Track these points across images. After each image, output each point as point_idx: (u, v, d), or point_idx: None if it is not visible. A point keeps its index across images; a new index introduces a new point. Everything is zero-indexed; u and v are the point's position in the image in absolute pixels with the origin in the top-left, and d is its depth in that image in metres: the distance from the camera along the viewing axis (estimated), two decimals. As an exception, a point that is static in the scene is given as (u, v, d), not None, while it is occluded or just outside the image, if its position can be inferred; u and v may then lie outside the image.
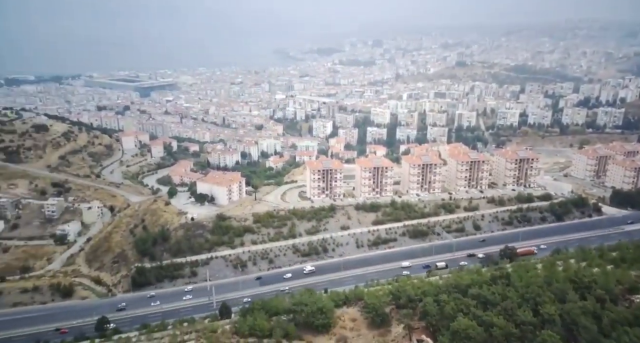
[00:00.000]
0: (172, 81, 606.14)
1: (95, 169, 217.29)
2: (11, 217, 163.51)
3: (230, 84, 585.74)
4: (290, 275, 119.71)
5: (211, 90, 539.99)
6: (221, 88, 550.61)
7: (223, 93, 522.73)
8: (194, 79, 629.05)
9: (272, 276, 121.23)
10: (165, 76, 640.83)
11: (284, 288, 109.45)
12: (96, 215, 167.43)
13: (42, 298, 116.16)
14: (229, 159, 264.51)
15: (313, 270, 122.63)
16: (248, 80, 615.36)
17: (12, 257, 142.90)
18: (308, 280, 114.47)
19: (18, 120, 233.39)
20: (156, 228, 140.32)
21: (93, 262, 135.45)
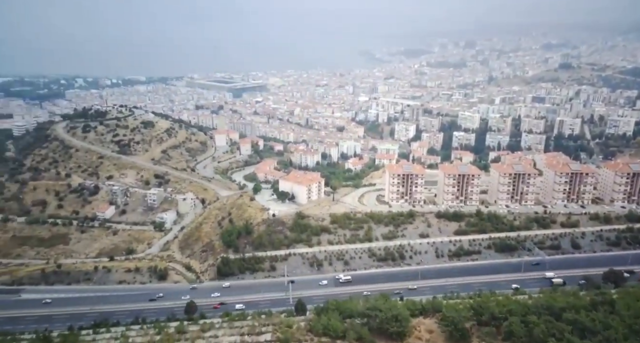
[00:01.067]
0: (262, 83, 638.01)
1: (191, 163, 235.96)
2: (120, 203, 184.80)
3: (316, 86, 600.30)
4: (325, 282, 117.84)
5: (297, 92, 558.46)
6: (306, 90, 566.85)
7: (308, 95, 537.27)
8: (282, 81, 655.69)
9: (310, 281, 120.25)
10: (256, 78, 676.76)
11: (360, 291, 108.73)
12: (190, 206, 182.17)
13: (141, 279, 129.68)
14: (310, 159, 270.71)
15: (349, 280, 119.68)
16: (333, 82, 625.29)
17: (120, 239, 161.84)
18: (382, 286, 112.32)
19: (130, 116, 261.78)
20: (241, 222, 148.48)
21: (185, 249, 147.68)
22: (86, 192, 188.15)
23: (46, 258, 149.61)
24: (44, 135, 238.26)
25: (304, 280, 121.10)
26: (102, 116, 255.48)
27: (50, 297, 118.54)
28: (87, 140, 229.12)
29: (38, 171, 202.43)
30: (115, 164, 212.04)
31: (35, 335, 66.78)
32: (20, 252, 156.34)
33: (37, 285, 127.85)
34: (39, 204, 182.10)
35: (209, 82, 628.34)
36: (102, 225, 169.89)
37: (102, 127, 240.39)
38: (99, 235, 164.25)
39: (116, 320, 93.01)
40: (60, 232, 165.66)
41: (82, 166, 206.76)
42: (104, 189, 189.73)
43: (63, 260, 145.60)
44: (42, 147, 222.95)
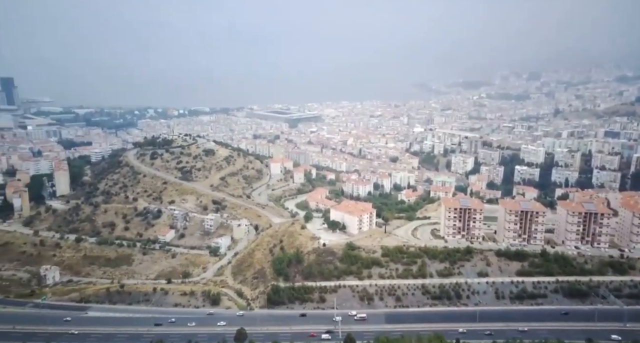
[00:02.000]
0: (317, 114, 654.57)
1: (246, 190, 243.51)
2: (180, 227, 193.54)
3: (370, 116, 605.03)
4: (340, 318, 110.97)
5: (351, 122, 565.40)
6: (360, 120, 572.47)
7: (362, 125, 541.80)
8: (337, 112, 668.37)
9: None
10: (312, 109, 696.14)
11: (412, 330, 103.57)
12: (244, 232, 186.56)
13: (196, 303, 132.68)
14: (362, 189, 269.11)
15: (364, 318, 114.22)
16: (387, 113, 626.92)
17: (178, 262, 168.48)
18: (436, 326, 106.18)
19: (194, 145, 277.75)
20: (292, 250, 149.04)
21: (237, 275, 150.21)
22: (150, 216, 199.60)
23: (111, 278, 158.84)
24: (117, 161, 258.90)
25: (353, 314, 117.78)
26: (169, 144, 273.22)
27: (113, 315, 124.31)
28: (153, 166, 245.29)
29: (110, 195, 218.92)
30: (178, 189, 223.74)
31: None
32: (89, 271, 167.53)
33: (102, 304, 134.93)
34: (108, 226, 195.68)
35: (267, 112, 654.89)
36: (162, 248, 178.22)
37: (168, 155, 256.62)
38: (159, 258, 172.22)
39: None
40: (125, 253, 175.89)
41: (148, 191, 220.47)
42: (166, 213, 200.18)
43: (126, 280, 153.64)
44: (115, 172, 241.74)
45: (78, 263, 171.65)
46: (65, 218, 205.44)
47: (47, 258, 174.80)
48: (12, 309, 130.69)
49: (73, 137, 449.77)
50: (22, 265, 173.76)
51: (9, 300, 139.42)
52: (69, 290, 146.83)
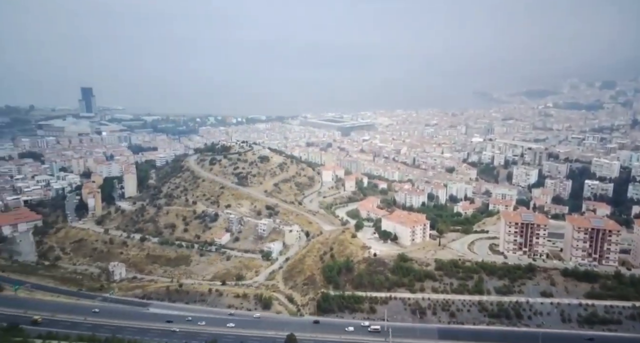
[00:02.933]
0: (370, 122, 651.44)
1: (298, 196, 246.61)
2: (235, 231, 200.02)
3: (425, 125, 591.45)
4: (352, 329, 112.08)
5: (405, 131, 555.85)
6: (415, 129, 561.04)
7: (416, 134, 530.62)
8: (391, 120, 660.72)
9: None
10: (365, 117, 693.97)
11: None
12: (295, 238, 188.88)
13: (248, 305, 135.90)
14: (415, 199, 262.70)
15: (377, 330, 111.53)
16: (443, 122, 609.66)
17: (232, 265, 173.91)
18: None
19: (250, 151, 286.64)
20: (342, 258, 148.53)
21: (288, 281, 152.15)
22: (207, 219, 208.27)
23: (171, 277, 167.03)
24: (179, 166, 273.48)
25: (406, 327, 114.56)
26: (227, 150, 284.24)
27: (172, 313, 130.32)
28: (212, 171, 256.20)
29: (172, 197, 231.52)
30: (234, 194, 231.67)
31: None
32: (151, 269, 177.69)
33: (162, 301, 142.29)
34: (169, 227, 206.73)
35: (320, 121, 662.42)
36: (218, 251, 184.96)
37: (226, 160, 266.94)
38: (214, 260, 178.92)
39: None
40: (184, 253, 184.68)
41: (206, 195, 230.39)
42: (222, 217, 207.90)
43: (184, 280, 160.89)
44: (177, 176, 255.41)
45: (142, 262, 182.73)
46: (132, 218, 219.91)
47: (115, 256, 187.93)
48: (84, 301, 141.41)
49: (141, 143, 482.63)
50: (94, 261, 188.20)
51: (81, 293, 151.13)
52: (133, 287, 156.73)
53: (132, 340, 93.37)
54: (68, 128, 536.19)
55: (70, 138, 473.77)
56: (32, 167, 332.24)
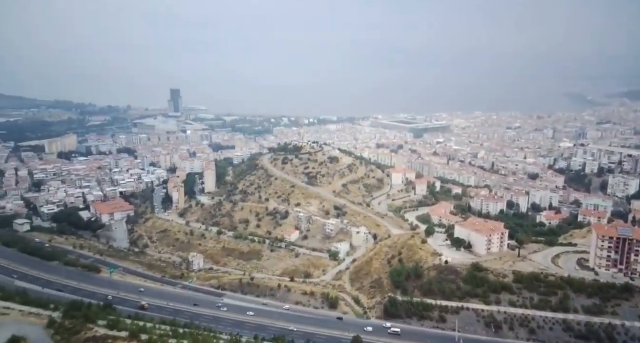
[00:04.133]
0: (445, 124, 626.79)
1: (367, 198, 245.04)
2: (304, 229, 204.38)
3: (506, 128, 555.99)
4: (371, 329, 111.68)
5: (484, 134, 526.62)
6: (495, 132, 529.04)
7: (496, 137, 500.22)
8: (468, 123, 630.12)
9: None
10: (440, 119, 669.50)
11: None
12: (362, 239, 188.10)
13: (315, 304, 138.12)
14: (493, 206, 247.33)
15: (398, 333, 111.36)
16: (527, 125, 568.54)
17: (300, 262, 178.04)
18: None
19: (320, 152, 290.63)
20: (411, 264, 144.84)
21: (355, 282, 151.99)
22: (279, 216, 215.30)
23: (243, 271, 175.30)
24: (254, 164, 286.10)
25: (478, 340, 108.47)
26: (298, 151, 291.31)
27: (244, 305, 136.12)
28: (284, 170, 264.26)
29: (246, 194, 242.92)
30: (304, 193, 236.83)
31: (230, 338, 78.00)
32: (226, 262, 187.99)
33: (235, 293, 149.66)
34: (244, 222, 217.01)
35: (392, 122, 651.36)
36: (288, 247, 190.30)
37: (297, 160, 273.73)
38: (284, 256, 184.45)
39: (291, 339, 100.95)
40: (256, 248, 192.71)
41: (278, 193, 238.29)
42: (293, 215, 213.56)
43: (255, 274, 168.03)
44: (252, 174, 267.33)
45: (218, 254, 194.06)
46: (210, 212, 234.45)
47: (194, 247, 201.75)
48: (167, 288, 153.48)
49: (221, 141, 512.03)
50: (176, 251, 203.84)
51: (165, 280, 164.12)
52: (209, 277, 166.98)
53: (207, 328, 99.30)
54: (158, 126, 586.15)
55: (160, 136, 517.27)
56: (127, 162, 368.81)
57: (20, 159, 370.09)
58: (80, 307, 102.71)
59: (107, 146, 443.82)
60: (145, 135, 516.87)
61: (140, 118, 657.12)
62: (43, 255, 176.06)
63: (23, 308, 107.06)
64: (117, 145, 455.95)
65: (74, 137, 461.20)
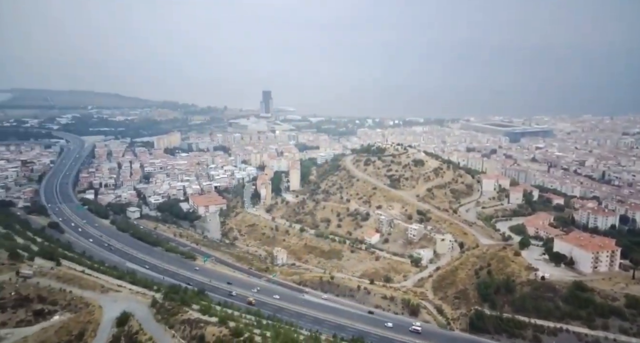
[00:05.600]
0: (547, 128, 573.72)
1: (453, 204, 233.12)
2: (385, 232, 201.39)
3: (622, 134, 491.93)
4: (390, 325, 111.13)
5: (593, 139, 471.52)
6: (607, 138, 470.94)
7: (609, 144, 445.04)
8: (574, 127, 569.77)
9: None
10: (540, 122, 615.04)
11: None
12: (447, 247, 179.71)
13: (395, 309, 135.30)
14: (602, 220, 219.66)
15: (418, 330, 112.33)
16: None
17: (380, 265, 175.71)
18: None
19: (404, 154, 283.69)
20: (501, 277, 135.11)
21: (437, 291, 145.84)
22: (359, 217, 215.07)
23: (324, 269, 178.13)
24: (336, 164, 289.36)
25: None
26: (381, 152, 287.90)
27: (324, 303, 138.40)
28: (366, 172, 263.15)
29: (328, 194, 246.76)
30: (385, 195, 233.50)
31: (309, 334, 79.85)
32: (307, 259, 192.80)
33: (315, 290, 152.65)
34: (325, 221, 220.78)
35: (485, 125, 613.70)
36: (368, 249, 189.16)
37: (380, 162, 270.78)
38: (364, 258, 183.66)
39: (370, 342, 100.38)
40: (336, 248, 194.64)
41: (359, 194, 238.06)
42: (373, 217, 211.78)
43: (335, 273, 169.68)
44: (334, 174, 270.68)
45: (300, 250, 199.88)
46: (294, 209, 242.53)
47: (279, 242, 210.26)
48: (253, 279, 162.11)
49: (306, 142, 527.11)
50: (262, 245, 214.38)
51: (251, 271, 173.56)
52: (292, 273, 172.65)
53: (288, 322, 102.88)
54: (250, 126, 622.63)
55: (251, 135, 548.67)
56: (222, 159, 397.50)
57: (134, 153, 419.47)
58: (177, 290, 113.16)
59: (205, 143, 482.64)
60: (239, 134, 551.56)
61: (235, 118, 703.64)
62: (149, 241, 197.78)
63: (132, 287, 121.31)
64: (213, 142, 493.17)
65: (178, 135, 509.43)
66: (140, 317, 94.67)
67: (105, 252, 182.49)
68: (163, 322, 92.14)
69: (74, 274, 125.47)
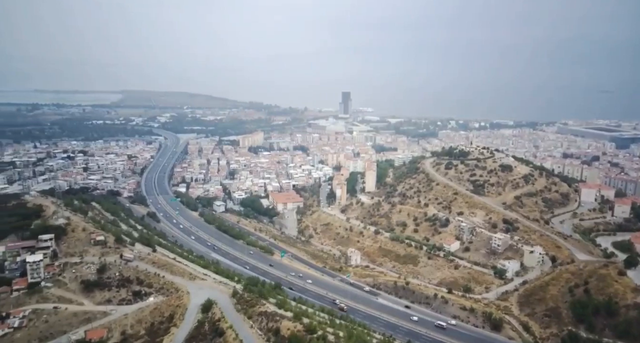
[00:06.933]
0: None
1: (545, 214, 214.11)
2: (465, 240, 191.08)
3: None
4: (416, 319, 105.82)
5: None
6: None
7: None
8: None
9: None
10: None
11: None
12: (536, 260, 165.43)
13: (474, 321, 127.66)
14: None
15: (443, 326, 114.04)
16: None
17: (460, 274, 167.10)
18: None
19: (490, 159, 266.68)
20: (601, 297, 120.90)
21: (524, 307, 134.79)
22: (438, 223, 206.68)
23: (398, 273, 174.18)
24: (414, 167, 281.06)
25: None
26: (464, 156, 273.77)
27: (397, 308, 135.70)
28: (447, 176, 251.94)
29: (405, 197, 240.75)
30: (467, 202, 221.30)
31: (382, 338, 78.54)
32: (382, 262, 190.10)
33: (389, 294, 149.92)
34: (401, 225, 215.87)
35: (586, 129, 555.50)
36: (446, 257, 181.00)
37: (462, 166, 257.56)
38: (442, 265, 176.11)
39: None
40: (412, 253, 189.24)
41: (438, 199, 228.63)
42: (453, 223, 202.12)
43: (410, 278, 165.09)
44: (412, 177, 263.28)
45: (374, 253, 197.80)
46: (368, 211, 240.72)
47: (352, 242, 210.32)
48: (326, 278, 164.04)
49: (383, 143, 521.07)
50: (336, 244, 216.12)
51: (325, 270, 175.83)
52: (365, 274, 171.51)
53: (361, 323, 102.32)
54: (328, 127, 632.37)
55: (329, 135, 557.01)
56: (300, 158, 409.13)
57: (222, 151, 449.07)
58: (256, 283, 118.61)
59: (286, 143, 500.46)
60: (317, 134, 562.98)
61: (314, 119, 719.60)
62: (232, 234, 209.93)
63: (215, 276, 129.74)
64: (293, 142, 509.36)
65: (261, 134, 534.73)
66: (222, 306, 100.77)
67: (193, 241, 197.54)
68: (242, 312, 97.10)
69: (167, 261, 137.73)
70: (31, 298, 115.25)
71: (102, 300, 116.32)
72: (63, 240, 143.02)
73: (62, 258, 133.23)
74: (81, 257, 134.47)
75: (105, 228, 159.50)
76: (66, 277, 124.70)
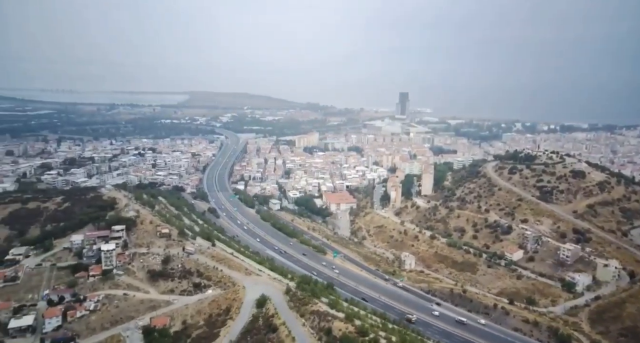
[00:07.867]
0: None
1: (623, 226, 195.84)
2: (530, 249, 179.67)
3: None
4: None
5: None
6: None
7: None
8: None
9: None
10: None
11: None
12: (611, 275, 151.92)
13: (539, 336, 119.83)
14: None
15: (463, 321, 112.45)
16: None
17: (523, 285, 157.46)
18: None
19: (560, 164, 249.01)
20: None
21: (596, 324, 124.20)
22: (499, 230, 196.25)
23: (455, 280, 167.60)
24: (475, 171, 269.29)
25: None
26: (531, 160, 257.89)
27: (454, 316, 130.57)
28: (511, 181, 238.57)
29: (464, 201, 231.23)
30: (533, 209, 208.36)
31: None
32: (437, 268, 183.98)
33: (445, 302, 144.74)
34: (458, 230, 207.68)
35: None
36: (508, 266, 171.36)
37: (528, 171, 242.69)
38: (503, 275, 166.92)
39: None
40: (470, 260, 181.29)
41: (500, 205, 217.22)
42: (516, 231, 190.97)
43: (468, 286, 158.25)
44: (472, 181, 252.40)
45: (430, 258, 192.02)
46: (424, 215, 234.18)
47: (407, 246, 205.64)
48: (378, 281, 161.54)
49: (442, 145, 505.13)
50: (389, 247, 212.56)
51: (377, 273, 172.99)
52: (420, 280, 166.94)
53: (415, 329, 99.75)
54: (384, 128, 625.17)
55: (385, 137, 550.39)
56: (354, 159, 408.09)
57: (278, 151, 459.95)
58: (309, 281, 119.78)
59: (340, 144, 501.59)
60: (372, 135, 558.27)
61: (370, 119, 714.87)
62: (286, 232, 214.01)
63: (270, 272, 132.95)
64: (348, 143, 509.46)
65: (316, 135, 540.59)
66: (276, 302, 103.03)
67: (249, 237, 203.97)
68: (295, 309, 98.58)
69: (225, 255, 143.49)
70: (104, 284, 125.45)
71: (165, 290, 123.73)
72: (133, 231, 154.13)
73: (131, 248, 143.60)
74: (148, 247, 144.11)
75: (170, 221, 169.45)
76: (135, 266, 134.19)
